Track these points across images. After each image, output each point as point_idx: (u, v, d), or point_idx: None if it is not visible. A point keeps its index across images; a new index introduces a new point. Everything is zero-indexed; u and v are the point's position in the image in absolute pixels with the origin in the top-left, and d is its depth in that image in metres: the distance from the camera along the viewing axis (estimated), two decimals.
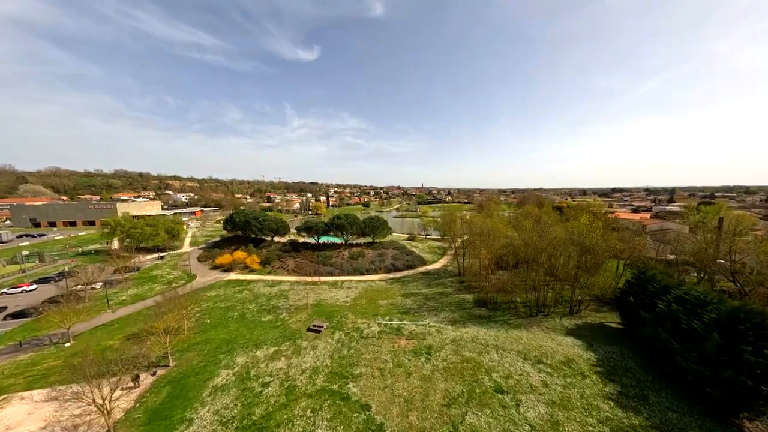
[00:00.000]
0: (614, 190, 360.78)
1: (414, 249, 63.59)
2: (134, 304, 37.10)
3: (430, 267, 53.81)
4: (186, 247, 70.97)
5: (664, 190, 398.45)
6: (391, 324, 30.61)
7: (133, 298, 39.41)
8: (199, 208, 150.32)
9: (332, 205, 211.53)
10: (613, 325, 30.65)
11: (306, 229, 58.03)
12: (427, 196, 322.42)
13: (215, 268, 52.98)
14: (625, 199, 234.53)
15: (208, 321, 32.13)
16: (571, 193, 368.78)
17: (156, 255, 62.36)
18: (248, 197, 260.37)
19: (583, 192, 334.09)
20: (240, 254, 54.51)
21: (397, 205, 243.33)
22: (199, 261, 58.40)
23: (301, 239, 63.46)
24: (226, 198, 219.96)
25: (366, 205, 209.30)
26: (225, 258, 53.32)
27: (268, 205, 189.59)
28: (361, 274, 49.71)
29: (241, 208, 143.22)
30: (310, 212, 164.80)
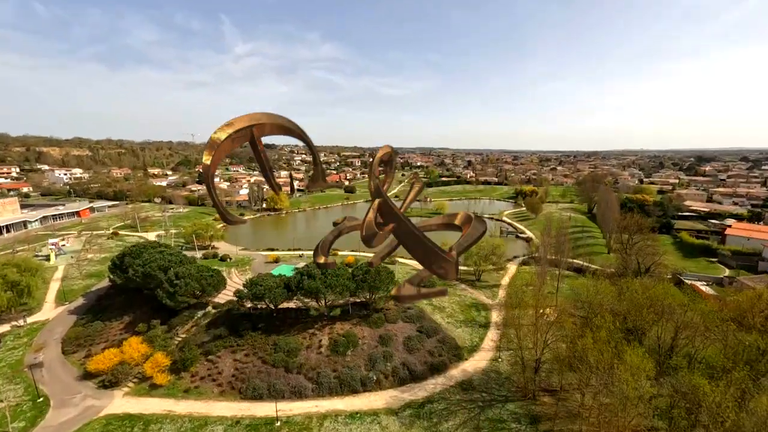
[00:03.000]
0: (700, 159, 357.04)
1: (437, 317, 53.69)
2: None
3: (469, 365, 44.10)
4: (48, 308, 58.34)
5: (763, 154, 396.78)
6: None
7: None
8: (86, 204, 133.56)
9: (299, 189, 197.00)
10: None
11: (253, 296, 46.21)
12: (439, 169, 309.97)
13: (89, 376, 41.33)
14: (721, 178, 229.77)
15: None
16: (640, 161, 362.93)
17: None
18: (169, 173, 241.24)
19: (660, 164, 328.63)
20: (135, 346, 42.82)
21: (398, 188, 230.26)
22: (64, 353, 46.49)
23: (246, 303, 51.65)
24: (135, 178, 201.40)
25: (350, 190, 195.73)
26: (107, 357, 41.54)
27: (200, 190, 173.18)
28: (353, 391, 39.42)
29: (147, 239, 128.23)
30: (264, 205, 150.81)
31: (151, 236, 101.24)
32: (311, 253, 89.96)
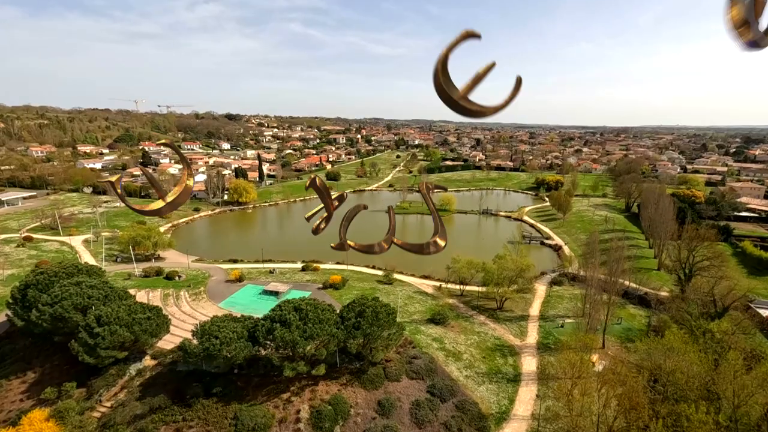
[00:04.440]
0: (748, 141, 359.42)
1: (452, 368, 48.75)
2: None
3: None
4: None
5: None
6: None
7: None
8: None
9: (269, 175, 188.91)
10: None
11: (205, 352, 40.05)
12: (442, 150, 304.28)
13: None
14: None
15: None
16: (678, 142, 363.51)
17: None
18: (105, 151, 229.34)
19: (702, 146, 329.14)
20: (38, 425, 36.62)
21: (392, 174, 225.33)
22: None
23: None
24: (60, 159, 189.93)
25: (332, 177, 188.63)
26: None
27: (144, 174, 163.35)
28: None
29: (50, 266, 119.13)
30: (225, 196, 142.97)
31: (77, 242, 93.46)
32: (285, 266, 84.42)
